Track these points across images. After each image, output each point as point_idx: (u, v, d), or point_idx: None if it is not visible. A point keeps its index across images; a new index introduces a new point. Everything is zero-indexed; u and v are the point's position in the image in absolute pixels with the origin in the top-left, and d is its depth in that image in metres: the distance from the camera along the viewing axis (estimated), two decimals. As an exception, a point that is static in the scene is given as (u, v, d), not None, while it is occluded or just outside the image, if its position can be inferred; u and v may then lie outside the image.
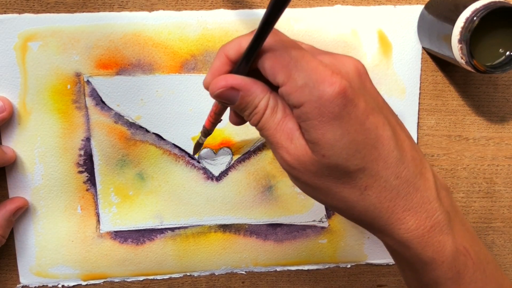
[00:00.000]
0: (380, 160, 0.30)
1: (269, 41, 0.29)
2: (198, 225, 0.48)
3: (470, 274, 0.32)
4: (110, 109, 0.45)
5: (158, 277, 0.49)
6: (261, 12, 0.44)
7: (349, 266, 0.51)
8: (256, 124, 0.31)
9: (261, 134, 0.31)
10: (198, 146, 0.44)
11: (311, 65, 0.28)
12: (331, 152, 0.29)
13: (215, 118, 0.36)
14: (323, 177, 0.30)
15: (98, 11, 0.43)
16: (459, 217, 0.33)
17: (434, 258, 0.31)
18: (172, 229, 0.48)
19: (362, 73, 0.30)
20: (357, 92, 0.29)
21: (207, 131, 0.39)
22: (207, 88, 0.32)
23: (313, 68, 0.28)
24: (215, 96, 0.31)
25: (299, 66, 0.28)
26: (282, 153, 0.30)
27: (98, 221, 0.47)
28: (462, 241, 0.32)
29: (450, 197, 0.33)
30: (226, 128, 0.46)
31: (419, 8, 0.45)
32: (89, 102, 0.44)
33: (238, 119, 0.34)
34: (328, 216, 0.49)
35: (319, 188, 0.31)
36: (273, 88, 0.30)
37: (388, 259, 0.51)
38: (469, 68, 0.40)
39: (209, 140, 0.46)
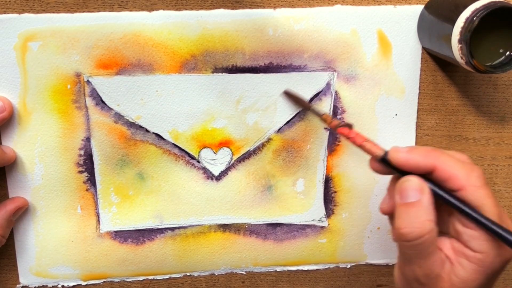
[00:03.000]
0: None
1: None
2: (198, 225, 0.48)
3: None
4: (110, 109, 0.45)
5: (158, 277, 0.49)
6: (261, 12, 0.44)
7: (349, 266, 0.51)
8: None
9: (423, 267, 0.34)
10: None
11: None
12: None
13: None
14: None
15: (98, 11, 0.43)
16: None
17: None
18: (172, 229, 0.48)
19: None
20: None
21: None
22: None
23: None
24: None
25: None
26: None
27: (98, 221, 0.47)
28: None
29: None
30: (226, 128, 0.46)
31: (419, 8, 0.45)
32: (89, 102, 0.44)
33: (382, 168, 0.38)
34: (328, 215, 0.49)
35: None
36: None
37: (388, 259, 0.51)
38: (469, 68, 0.40)
39: (209, 139, 0.46)
